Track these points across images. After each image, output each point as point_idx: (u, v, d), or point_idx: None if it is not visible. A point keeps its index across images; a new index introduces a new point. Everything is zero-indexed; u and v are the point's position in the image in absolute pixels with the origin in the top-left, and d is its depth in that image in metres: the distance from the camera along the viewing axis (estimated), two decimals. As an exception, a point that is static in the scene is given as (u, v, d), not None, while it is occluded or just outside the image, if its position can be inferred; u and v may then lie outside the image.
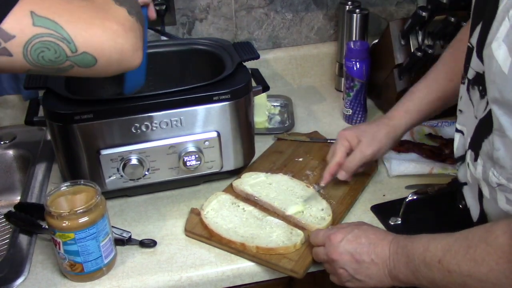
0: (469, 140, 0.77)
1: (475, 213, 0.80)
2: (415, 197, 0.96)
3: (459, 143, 0.82)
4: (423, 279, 0.73)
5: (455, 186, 0.88)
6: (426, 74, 1.00)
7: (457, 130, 0.83)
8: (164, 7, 1.33)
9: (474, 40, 0.72)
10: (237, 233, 0.92)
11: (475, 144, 0.74)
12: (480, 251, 0.65)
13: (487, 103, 0.68)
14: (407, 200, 0.96)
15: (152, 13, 0.98)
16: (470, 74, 0.74)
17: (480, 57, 0.69)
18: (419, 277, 0.74)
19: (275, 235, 0.92)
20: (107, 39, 0.66)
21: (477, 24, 0.71)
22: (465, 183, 0.82)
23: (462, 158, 0.81)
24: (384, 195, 1.05)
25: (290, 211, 0.97)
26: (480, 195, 0.76)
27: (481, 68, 0.69)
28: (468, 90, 0.76)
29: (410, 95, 1.00)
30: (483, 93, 0.70)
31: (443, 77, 0.96)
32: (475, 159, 0.74)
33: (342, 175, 1.01)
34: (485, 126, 0.70)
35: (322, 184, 1.02)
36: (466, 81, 0.77)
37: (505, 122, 0.64)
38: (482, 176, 0.72)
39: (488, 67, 0.65)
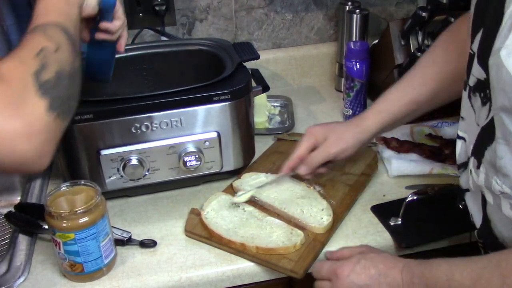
0: (471, 147, 0.75)
1: (477, 219, 0.80)
2: (415, 197, 0.96)
3: (461, 150, 0.81)
4: None
5: (454, 190, 0.88)
6: (401, 78, 0.98)
7: (459, 137, 0.82)
8: (164, 7, 1.33)
9: (475, 47, 0.72)
10: (237, 234, 0.92)
11: (478, 152, 0.73)
12: None
13: (489, 110, 0.68)
14: (407, 200, 0.96)
15: (121, 47, 0.94)
16: (471, 81, 0.74)
17: (482, 64, 0.68)
18: None
19: (275, 235, 0.92)
20: (5, 143, 0.55)
21: (478, 30, 0.71)
22: (467, 190, 0.81)
23: (464, 165, 0.81)
24: (384, 195, 1.05)
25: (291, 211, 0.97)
26: (484, 201, 0.75)
27: (483, 75, 0.68)
28: (469, 97, 0.76)
29: (383, 97, 0.98)
30: (484, 100, 0.69)
31: (417, 81, 0.95)
32: (478, 167, 0.73)
33: (302, 169, 0.99)
34: (487, 134, 0.69)
35: (278, 175, 1.01)
36: (468, 88, 0.76)
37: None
38: (485, 184, 0.71)
39: (496, 75, 0.63)
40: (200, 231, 0.95)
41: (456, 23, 0.98)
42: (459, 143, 0.82)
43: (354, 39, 1.36)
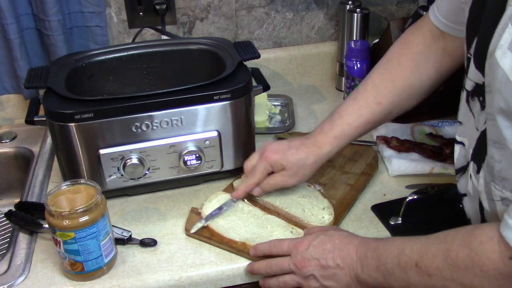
0: (471, 151, 0.75)
1: (475, 223, 0.80)
2: (415, 197, 0.96)
3: (460, 155, 0.81)
4: (395, 283, 0.73)
5: (454, 193, 0.88)
6: (354, 94, 0.96)
7: (457, 142, 0.82)
8: (164, 6, 1.33)
9: (472, 51, 0.71)
10: (238, 233, 0.92)
11: (478, 157, 0.73)
12: (463, 257, 0.65)
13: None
14: (407, 200, 0.96)
15: None
16: (469, 85, 0.73)
17: (479, 68, 0.67)
18: (391, 281, 0.73)
19: (275, 234, 0.92)
20: None
21: (474, 35, 0.70)
22: (465, 194, 0.81)
23: (463, 170, 0.80)
24: (384, 195, 1.05)
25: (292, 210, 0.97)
26: (481, 206, 0.75)
27: (481, 79, 0.67)
28: (467, 101, 0.75)
29: (340, 119, 0.94)
30: (483, 104, 0.68)
31: (372, 100, 0.93)
32: (478, 171, 0.73)
33: (257, 191, 0.98)
34: (486, 138, 0.69)
35: (233, 197, 0.98)
36: (465, 92, 0.76)
37: (509, 135, 0.63)
38: (485, 189, 0.71)
39: (492, 76, 0.63)
40: (200, 230, 0.95)
41: (406, 34, 0.97)
42: (457, 148, 0.81)
43: (354, 39, 1.36)
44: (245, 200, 1.00)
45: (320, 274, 0.80)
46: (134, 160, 0.99)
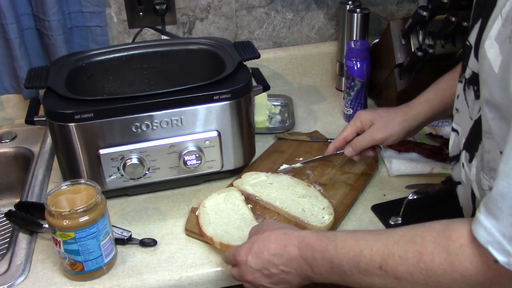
0: (463, 140, 0.76)
1: (468, 213, 0.80)
2: (415, 197, 0.96)
3: (454, 142, 0.82)
4: (356, 284, 0.69)
5: (450, 185, 0.88)
6: (450, 71, 0.98)
7: (453, 129, 0.82)
8: (164, 6, 1.33)
9: (472, 39, 0.72)
10: (232, 236, 0.91)
11: (471, 146, 0.73)
12: (441, 261, 0.60)
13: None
14: (407, 199, 0.96)
15: None
16: (467, 73, 0.74)
17: (477, 56, 0.68)
18: (350, 281, 0.69)
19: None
20: None
21: (475, 22, 0.71)
22: (459, 183, 0.81)
23: (457, 158, 0.81)
24: (384, 195, 1.05)
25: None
26: (474, 195, 0.76)
27: (477, 68, 0.68)
28: (464, 89, 0.76)
29: (434, 85, 0.99)
30: (478, 94, 0.69)
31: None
32: (470, 160, 0.73)
33: (348, 151, 1.03)
34: (480, 128, 0.69)
35: (323, 155, 1.07)
36: (463, 80, 0.76)
37: (494, 126, 0.62)
38: (476, 178, 0.71)
39: (481, 66, 0.63)
40: (200, 230, 0.95)
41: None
42: (452, 135, 0.82)
43: (354, 38, 1.36)
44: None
45: (269, 282, 0.77)
46: (134, 160, 0.99)
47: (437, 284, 0.61)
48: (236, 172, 1.09)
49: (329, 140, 1.19)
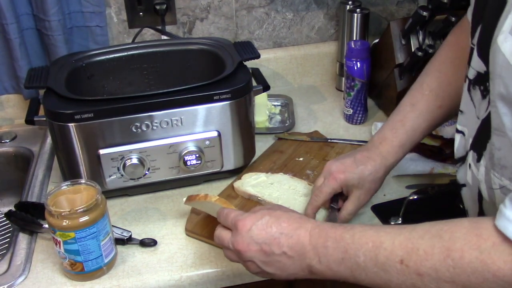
0: (470, 141, 0.76)
1: (473, 215, 0.80)
2: (415, 197, 0.96)
3: (460, 144, 0.81)
4: (367, 279, 0.66)
5: (454, 187, 0.88)
6: (410, 100, 0.93)
7: (458, 131, 0.82)
8: (164, 6, 1.33)
9: (475, 40, 0.72)
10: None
11: (478, 145, 0.73)
12: (471, 259, 0.58)
13: (489, 103, 0.68)
14: (407, 199, 0.96)
15: None
16: (471, 74, 0.74)
17: (481, 56, 0.68)
18: (361, 276, 0.66)
19: None
20: None
21: (478, 24, 0.71)
22: (464, 185, 0.81)
23: (463, 159, 0.81)
24: (384, 195, 1.05)
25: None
26: (480, 196, 0.76)
27: (483, 68, 0.68)
28: (469, 90, 0.76)
29: (403, 127, 0.92)
30: (484, 93, 0.69)
31: (433, 105, 0.91)
32: (478, 160, 0.73)
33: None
34: (488, 127, 0.69)
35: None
36: (467, 81, 0.76)
37: (508, 121, 0.62)
38: (485, 178, 0.71)
39: (493, 62, 0.63)
40: (200, 230, 0.95)
41: (452, 36, 0.94)
42: (457, 137, 0.82)
43: (354, 39, 1.36)
44: None
45: (261, 260, 0.72)
46: (134, 160, 0.99)
47: (465, 283, 0.59)
48: (236, 172, 1.09)
49: (329, 141, 1.19)
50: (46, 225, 0.87)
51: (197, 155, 1.01)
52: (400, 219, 0.96)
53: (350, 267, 0.66)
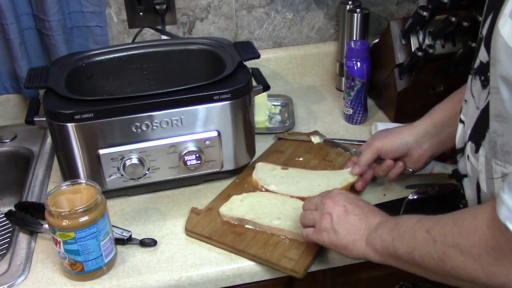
0: (469, 132, 0.76)
1: (472, 206, 0.80)
2: (415, 197, 0.96)
3: (460, 134, 0.82)
4: (401, 247, 0.74)
5: (456, 178, 0.88)
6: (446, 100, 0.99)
7: (460, 120, 0.82)
8: (164, 6, 1.33)
9: (484, 31, 0.72)
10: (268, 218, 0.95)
11: (477, 135, 0.73)
12: (468, 224, 0.66)
13: (489, 93, 0.68)
14: (407, 199, 0.96)
15: None
16: (476, 64, 0.74)
17: (486, 45, 0.68)
18: (397, 245, 0.75)
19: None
20: None
21: (488, 15, 0.71)
22: (465, 175, 0.82)
23: (461, 151, 0.81)
24: (384, 195, 1.05)
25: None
26: (478, 187, 0.76)
27: (486, 57, 0.68)
28: (471, 80, 0.76)
29: (434, 109, 1.00)
30: (485, 83, 0.69)
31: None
32: (476, 151, 0.73)
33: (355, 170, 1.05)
34: (487, 116, 0.69)
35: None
36: (473, 71, 0.77)
37: (510, 106, 0.62)
38: (485, 167, 0.72)
39: (494, 48, 0.63)
40: (200, 230, 0.95)
41: None
42: (460, 127, 0.82)
43: (354, 38, 1.36)
44: None
45: (338, 215, 0.82)
46: (134, 160, 0.99)
47: (461, 246, 0.66)
48: (236, 172, 1.09)
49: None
50: (46, 225, 0.87)
51: (197, 155, 1.01)
52: (400, 219, 0.96)
53: (393, 236, 0.76)
